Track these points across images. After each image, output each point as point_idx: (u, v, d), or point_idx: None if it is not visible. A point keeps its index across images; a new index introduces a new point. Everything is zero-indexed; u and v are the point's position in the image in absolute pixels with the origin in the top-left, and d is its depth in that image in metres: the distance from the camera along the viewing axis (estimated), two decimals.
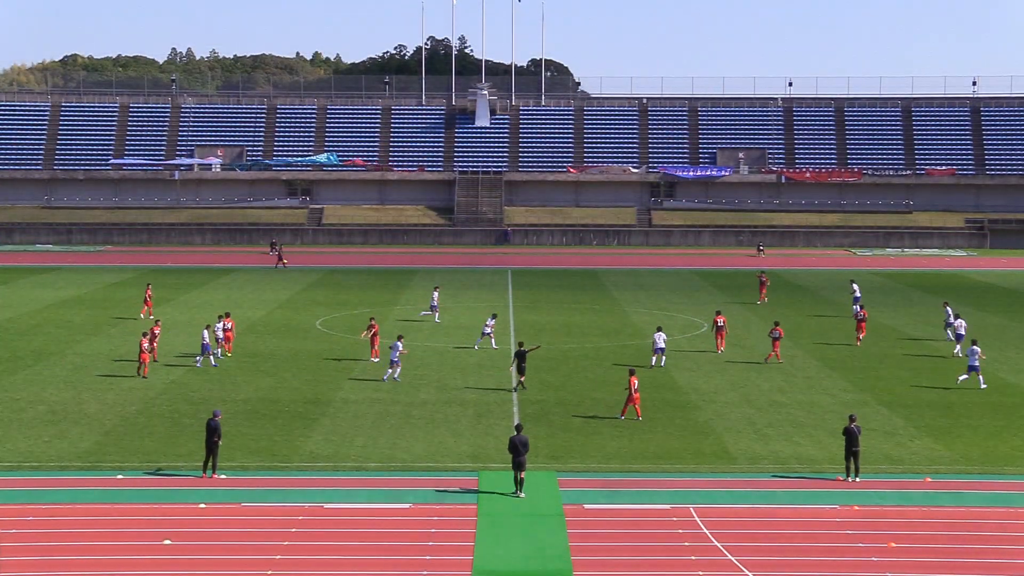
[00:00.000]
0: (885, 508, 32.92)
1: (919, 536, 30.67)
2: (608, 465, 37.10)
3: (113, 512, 32.05)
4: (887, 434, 41.02)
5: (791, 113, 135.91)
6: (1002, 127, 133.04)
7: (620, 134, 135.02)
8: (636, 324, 66.37)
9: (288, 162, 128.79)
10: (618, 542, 30.07)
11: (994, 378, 51.12)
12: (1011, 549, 29.77)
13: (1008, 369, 53.48)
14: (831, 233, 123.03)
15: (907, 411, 44.61)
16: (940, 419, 43.40)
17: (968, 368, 49.48)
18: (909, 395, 47.50)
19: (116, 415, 43.15)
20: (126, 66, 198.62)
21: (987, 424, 42.71)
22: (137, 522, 31.21)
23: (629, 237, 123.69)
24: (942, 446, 39.61)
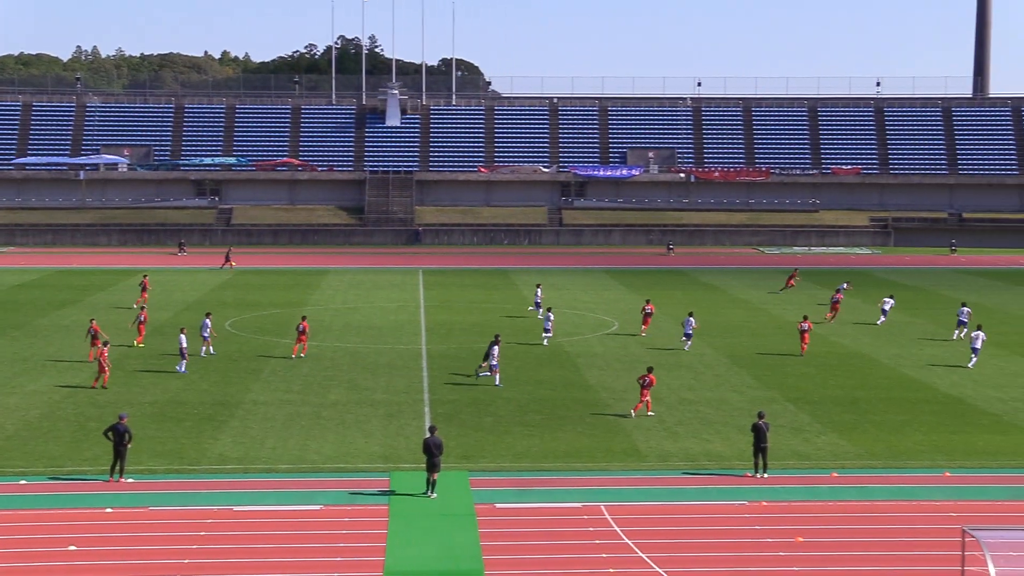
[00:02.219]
0: (792, 503, 33.35)
1: (825, 530, 31.10)
2: (519, 464, 37.18)
3: (16, 518, 31.51)
4: (794, 430, 41.55)
5: (700, 113, 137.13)
6: (905, 127, 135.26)
7: (531, 134, 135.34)
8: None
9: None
10: (529, 541, 30.16)
11: (897, 374, 52.04)
12: (914, 541, 30.29)
13: (911, 365, 54.42)
14: (739, 232, 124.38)
15: (813, 407, 45.23)
16: (845, 415, 44.05)
17: (972, 350, 53.81)
18: (816, 391, 48.16)
19: (18, 419, 42.41)
20: (28, 64, 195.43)
21: (891, 419, 43.44)
22: (41, 528, 30.72)
23: (540, 236, 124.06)
24: (847, 441, 40.21)
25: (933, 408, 45.36)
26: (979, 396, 47.56)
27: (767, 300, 76.93)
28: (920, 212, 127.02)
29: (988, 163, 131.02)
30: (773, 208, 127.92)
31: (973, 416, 44.11)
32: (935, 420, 43.39)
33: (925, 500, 33.76)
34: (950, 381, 50.55)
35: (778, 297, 78.94)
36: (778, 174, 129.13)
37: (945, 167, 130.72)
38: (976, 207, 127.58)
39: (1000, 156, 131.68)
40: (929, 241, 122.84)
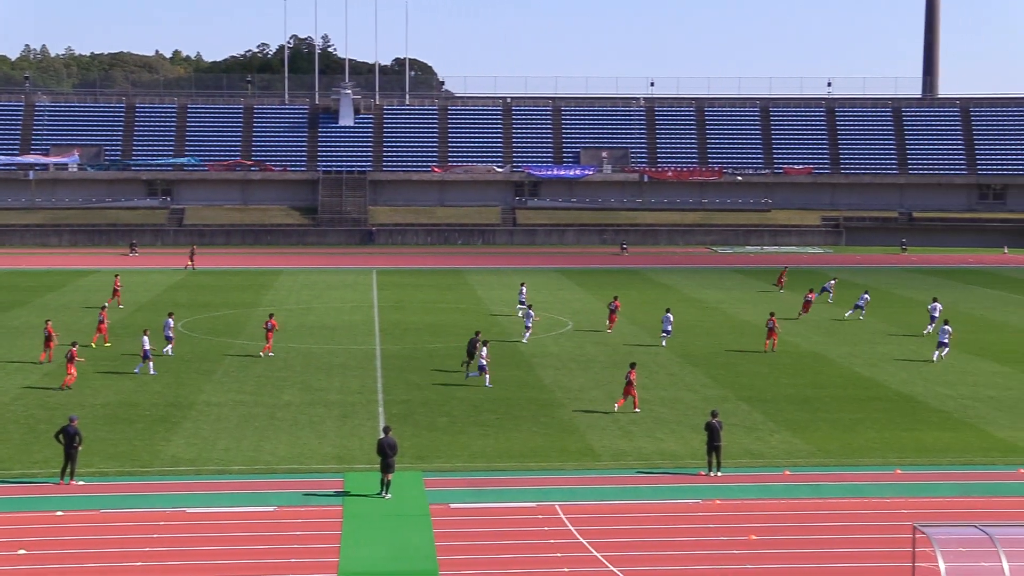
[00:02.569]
0: (746, 501, 33.52)
1: (779, 528, 31.27)
2: (474, 464, 37.16)
3: None
4: (747, 429, 41.76)
5: (653, 113, 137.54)
6: (856, 127, 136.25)
7: (484, 133, 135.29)
8: (502, 323, 66.58)
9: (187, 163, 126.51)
10: (484, 540, 30.15)
11: (849, 372, 52.42)
12: (866, 539, 30.51)
13: (862, 363, 54.80)
14: (692, 231, 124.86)
15: (767, 406, 45.47)
16: (799, 413, 44.31)
17: (939, 344, 55.25)
18: (769, 390, 48.42)
19: None
20: None
21: (844, 417, 43.73)
22: None
23: (494, 236, 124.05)
24: (800, 439, 40.44)
25: (884, 406, 45.72)
26: (929, 394, 47.97)
27: (721, 299, 77.28)
28: (871, 211, 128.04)
29: (937, 163, 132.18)
30: (726, 208, 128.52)
31: (924, 414, 44.49)
32: (886, 418, 43.74)
33: (876, 497, 34.02)
34: (901, 379, 50.97)
35: (733, 296, 79.28)
36: (731, 174, 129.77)
37: (895, 167, 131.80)
38: (926, 206, 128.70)
39: (949, 156, 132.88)
40: (880, 240, 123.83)
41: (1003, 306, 75.31)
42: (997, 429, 42.06)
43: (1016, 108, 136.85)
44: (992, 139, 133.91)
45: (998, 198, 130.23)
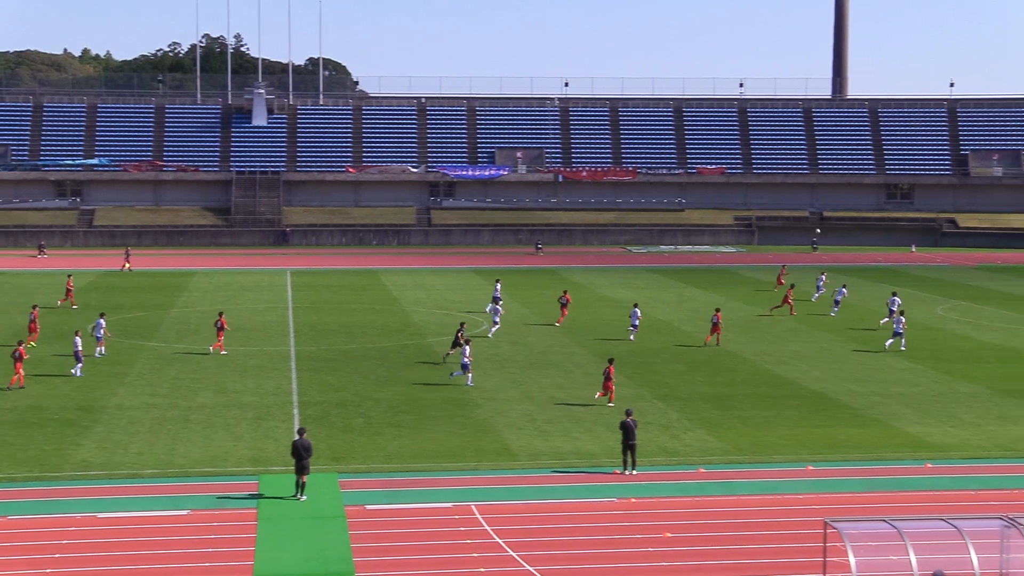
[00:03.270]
0: (661, 499, 33.78)
1: (693, 525, 31.54)
2: (390, 465, 37.09)
3: None
4: (662, 427, 42.07)
5: (567, 113, 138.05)
6: (768, 127, 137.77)
7: (399, 134, 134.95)
8: (417, 324, 66.49)
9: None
10: (400, 542, 30.09)
11: (762, 370, 53.00)
12: (778, 535, 30.89)
13: (775, 361, 55.44)
14: (607, 231, 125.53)
15: (681, 404, 45.84)
16: (713, 411, 44.73)
17: (894, 334, 58.12)
18: (683, 388, 48.81)
19: None
20: None
21: (756, 415, 44.22)
22: None
23: (409, 237, 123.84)
24: (714, 437, 40.83)
25: (796, 403, 46.29)
26: (840, 391, 48.64)
27: (636, 299, 77.69)
28: (782, 211, 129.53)
29: (847, 163, 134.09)
30: (640, 207, 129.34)
31: (834, 410, 45.11)
32: (798, 415, 44.29)
33: (789, 494, 34.44)
34: (813, 377, 51.63)
35: (648, 295, 79.75)
36: (645, 174, 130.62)
37: (806, 167, 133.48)
38: (836, 206, 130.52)
39: (858, 156, 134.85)
40: (791, 239, 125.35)
41: (911, 304, 76.46)
42: (905, 424, 42.77)
43: (923, 109, 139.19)
44: (900, 140, 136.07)
45: (906, 197, 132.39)
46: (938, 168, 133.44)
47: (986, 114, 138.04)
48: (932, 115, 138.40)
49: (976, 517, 26.28)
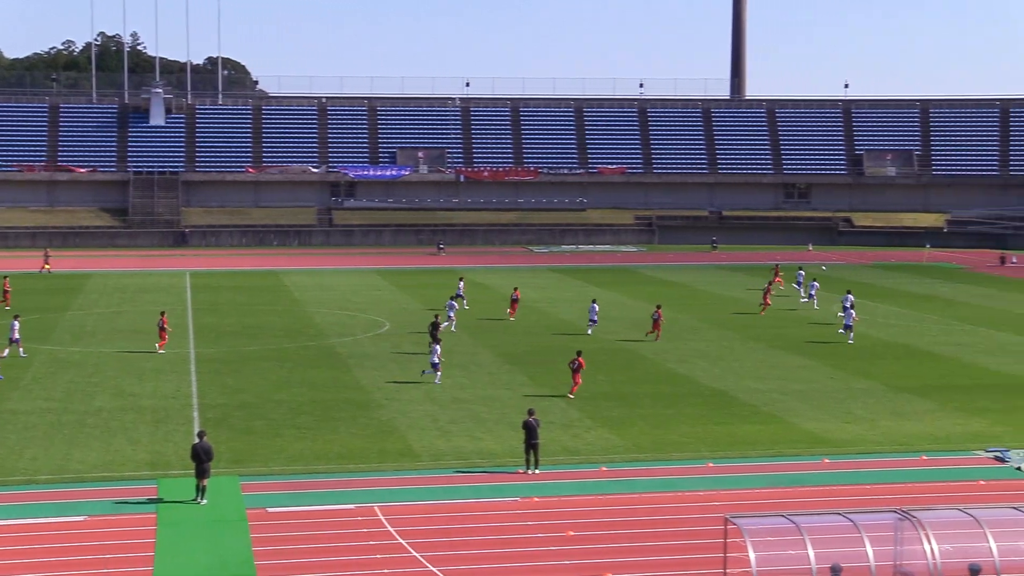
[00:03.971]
0: (563, 498, 33.91)
1: (595, 523, 31.70)
2: (291, 467, 36.82)
3: None
4: (564, 426, 42.24)
5: (469, 113, 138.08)
6: (667, 128, 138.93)
7: (299, 134, 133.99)
8: (319, 324, 66.10)
9: None
10: (303, 544, 29.88)
11: (663, 369, 53.45)
12: (680, 531, 31.17)
13: (675, 359, 55.93)
14: (509, 231, 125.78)
15: (583, 403, 46.05)
16: (614, 410, 45.00)
17: (844, 326, 61.57)
18: (585, 387, 48.96)
19: None
20: None
21: (657, 413, 44.58)
22: None
23: (310, 237, 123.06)
24: (616, 435, 41.09)
25: (697, 401, 46.74)
26: (739, 388, 49.22)
27: (537, 298, 77.95)
28: (682, 210, 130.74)
29: (746, 163, 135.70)
30: (541, 207, 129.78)
31: (734, 407, 45.63)
32: (699, 412, 44.73)
33: (690, 491, 34.76)
34: (712, 374, 52.17)
35: (550, 295, 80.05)
36: (546, 173, 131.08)
37: (706, 167, 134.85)
38: (735, 205, 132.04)
39: (756, 156, 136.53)
40: (691, 239, 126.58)
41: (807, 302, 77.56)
42: (803, 421, 43.39)
43: (819, 110, 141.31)
44: (797, 140, 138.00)
45: (803, 197, 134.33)
46: (834, 168, 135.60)
47: (880, 115, 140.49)
48: (828, 116, 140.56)
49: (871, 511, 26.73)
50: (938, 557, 23.57)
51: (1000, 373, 53.07)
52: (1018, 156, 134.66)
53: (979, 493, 34.29)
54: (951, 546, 24.15)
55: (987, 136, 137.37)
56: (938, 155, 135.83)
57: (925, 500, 32.84)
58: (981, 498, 33.27)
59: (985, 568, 23.52)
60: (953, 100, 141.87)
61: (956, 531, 24.54)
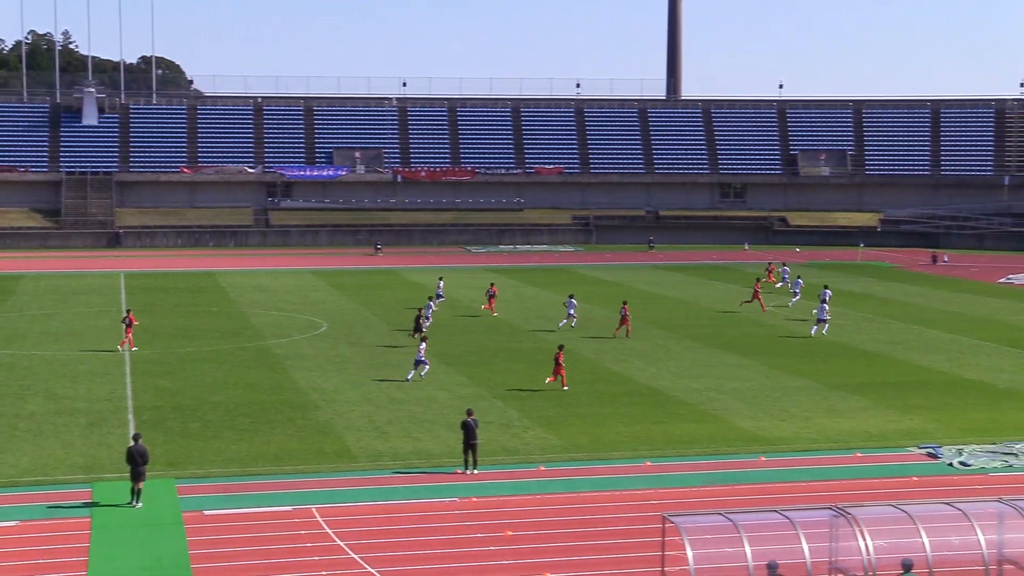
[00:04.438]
0: (502, 498, 33.92)
1: (534, 523, 31.74)
2: (228, 469, 36.55)
3: None
4: (503, 426, 42.25)
5: (406, 113, 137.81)
6: (604, 128, 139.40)
7: (235, 134, 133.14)
8: (255, 326, 65.70)
9: None
10: (240, 547, 29.67)
11: (600, 368, 53.60)
12: (618, 530, 31.28)
13: (612, 359, 56.11)
14: (446, 231, 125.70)
15: (521, 403, 46.09)
16: (552, 409, 45.07)
17: (817, 320, 63.70)
18: (523, 387, 49.06)
19: None
20: None
21: (594, 412, 44.70)
22: None
23: (246, 238, 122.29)
24: (554, 435, 41.15)
25: (634, 400, 46.91)
26: (676, 387, 49.46)
27: (475, 299, 77.94)
28: (619, 210, 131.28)
29: (682, 163, 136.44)
30: (479, 207, 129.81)
31: (671, 406, 45.85)
32: (636, 411, 44.90)
33: (627, 490, 34.88)
34: (649, 373, 52.39)
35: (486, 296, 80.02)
36: (483, 173, 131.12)
37: (642, 167, 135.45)
38: (671, 205, 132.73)
39: (693, 156, 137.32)
40: (628, 238, 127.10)
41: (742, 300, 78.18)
42: (740, 419, 43.69)
43: (754, 110, 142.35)
44: (732, 140, 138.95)
45: (739, 196, 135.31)
46: (769, 168, 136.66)
47: (813, 115, 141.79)
48: (762, 116, 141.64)
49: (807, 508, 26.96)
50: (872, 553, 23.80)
51: (932, 370, 53.74)
52: (949, 156, 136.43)
53: (912, 489, 34.70)
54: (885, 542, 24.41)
55: (919, 136, 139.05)
56: (871, 155, 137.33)
57: (860, 497, 33.18)
58: (914, 494, 33.68)
59: (917, 563, 23.79)
60: (886, 101, 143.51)
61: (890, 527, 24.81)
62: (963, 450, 39.10)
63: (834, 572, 24.93)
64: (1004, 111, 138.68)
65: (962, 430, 42.13)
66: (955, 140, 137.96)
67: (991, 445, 39.84)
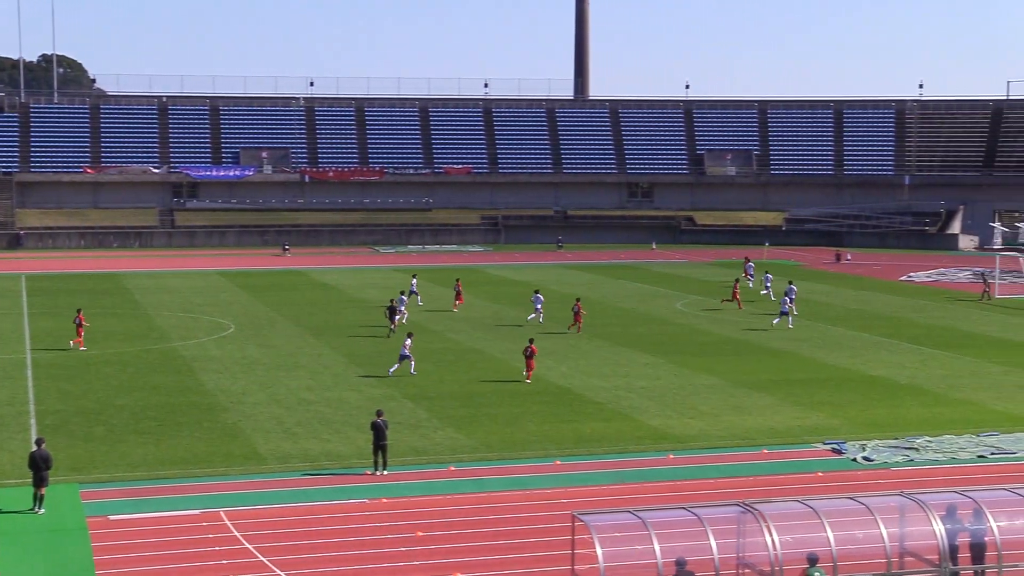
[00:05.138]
0: (412, 499, 33.85)
1: (445, 523, 31.72)
2: (134, 473, 36.07)
3: None
4: (412, 426, 42.17)
5: (313, 113, 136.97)
6: (512, 127, 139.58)
7: (139, 133, 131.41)
8: (161, 327, 64.91)
9: None
10: (146, 552, 29.29)
11: (510, 368, 53.68)
12: (528, 529, 31.35)
13: (522, 359, 56.13)
14: (355, 231, 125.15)
15: (431, 403, 46.03)
16: (462, 409, 45.07)
17: (780, 313, 66.71)
18: (433, 387, 49.02)
19: None
20: None
21: (504, 412, 44.77)
22: None
23: (152, 239, 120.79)
24: (464, 435, 41.15)
25: (544, 399, 47.04)
26: (585, 386, 49.68)
27: (385, 299, 77.62)
28: (528, 210, 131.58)
29: (590, 163, 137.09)
30: (387, 207, 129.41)
31: (580, 405, 46.04)
32: (546, 411, 45.03)
33: (538, 489, 34.98)
34: (559, 373, 52.57)
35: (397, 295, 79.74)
36: (392, 173, 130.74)
37: (550, 166, 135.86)
38: (579, 204, 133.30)
39: (600, 156, 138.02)
40: (537, 238, 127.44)
41: (651, 299, 78.81)
42: (648, 417, 44.00)
43: (661, 110, 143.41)
44: (640, 140, 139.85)
45: (646, 196, 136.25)
46: (676, 168, 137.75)
47: (719, 115, 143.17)
48: (669, 116, 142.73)
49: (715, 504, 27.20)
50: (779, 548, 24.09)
51: (836, 367, 54.53)
52: (852, 156, 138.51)
53: (817, 484, 35.19)
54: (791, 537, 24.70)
55: (822, 136, 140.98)
56: (776, 155, 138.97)
57: (767, 493, 33.58)
58: (819, 489, 34.15)
59: (822, 557, 24.12)
60: (790, 101, 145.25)
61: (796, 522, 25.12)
62: (866, 445, 39.75)
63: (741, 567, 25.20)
64: (904, 112, 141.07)
65: (865, 426, 42.82)
66: (857, 140, 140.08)
67: (893, 440, 40.55)
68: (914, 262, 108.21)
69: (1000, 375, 52.67)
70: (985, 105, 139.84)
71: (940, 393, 48.76)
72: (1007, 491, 26.20)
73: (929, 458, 38.42)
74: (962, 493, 26.24)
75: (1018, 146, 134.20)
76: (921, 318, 70.81)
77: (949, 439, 40.71)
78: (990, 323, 68.98)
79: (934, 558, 25.14)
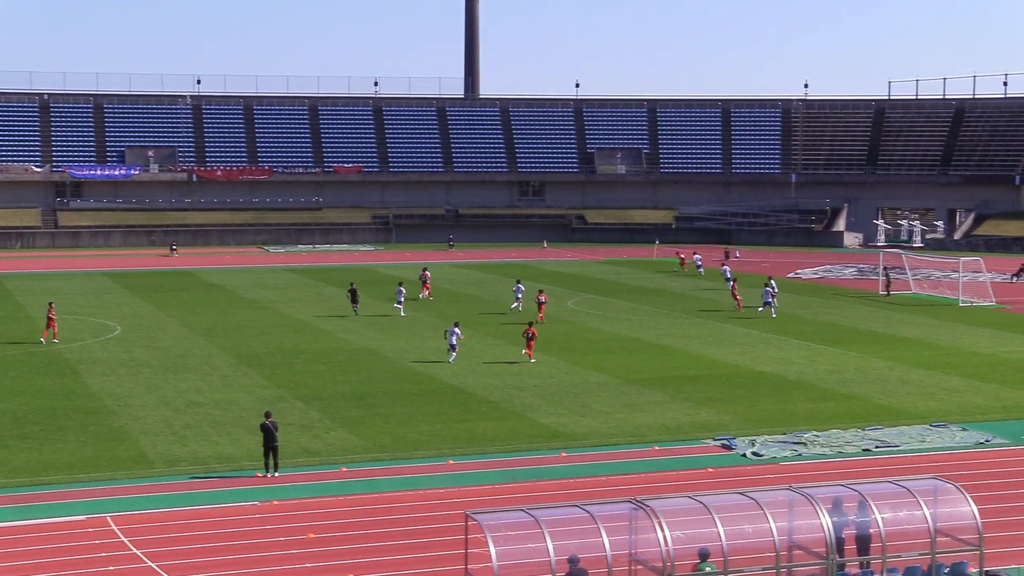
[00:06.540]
0: (304, 500, 33.57)
1: (337, 524, 31.50)
2: (16, 479, 35.28)
3: None
4: (304, 427, 41.83)
5: (200, 111, 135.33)
6: (403, 126, 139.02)
7: (20, 132, 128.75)
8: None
9: None
10: (30, 560, 28.66)
11: (402, 367, 53.53)
12: (422, 529, 31.26)
13: (414, 358, 56.06)
14: (244, 231, 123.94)
15: (322, 404, 45.71)
16: (354, 410, 44.80)
17: (763, 303, 70.04)
18: (324, 388, 48.68)
19: None
20: None
21: (398, 412, 44.60)
22: None
23: (34, 239, 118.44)
24: (356, 436, 40.92)
25: (437, 399, 46.96)
26: (478, 385, 49.68)
27: (274, 299, 77.04)
28: (419, 209, 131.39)
29: (481, 161, 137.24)
30: (277, 207, 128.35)
31: (473, 404, 46.03)
32: (439, 410, 44.94)
33: (431, 488, 34.89)
34: (452, 372, 52.52)
35: (287, 295, 79.19)
36: (281, 172, 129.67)
37: (441, 165, 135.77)
38: (471, 203, 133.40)
39: (491, 154, 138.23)
40: (428, 237, 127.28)
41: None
42: (541, 416, 44.11)
43: (551, 109, 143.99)
44: (530, 138, 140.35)
45: (537, 194, 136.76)
46: (566, 166, 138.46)
47: (609, 114, 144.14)
48: (560, 114, 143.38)
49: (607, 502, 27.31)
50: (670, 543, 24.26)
51: (726, 363, 55.16)
52: (739, 155, 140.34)
53: (708, 480, 35.57)
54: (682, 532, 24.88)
55: (711, 135, 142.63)
56: (665, 153, 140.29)
57: (658, 489, 33.83)
58: (710, 485, 34.51)
59: (713, 552, 24.36)
60: (679, 100, 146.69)
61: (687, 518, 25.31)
62: (755, 441, 40.26)
63: (634, 563, 25.35)
64: (791, 111, 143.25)
65: (754, 421, 43.38)
66: (745, 139, 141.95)
67: (781, 435, 41.12)
68: (801, 259, 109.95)
69: (884, 370, 53.69)
70: (868, 105, 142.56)
71: (827, 388, 49.57)
72: (891, 483, 26.66)
73: (816, 452, 39.03)
74: (848, 486, 26.66)
75: (900, 145, 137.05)
76: (808, 314, 71.93)
77: (836, 433, 41.40)
78: (875, 319, 70.29)
79: (822, 551, 25.51)
